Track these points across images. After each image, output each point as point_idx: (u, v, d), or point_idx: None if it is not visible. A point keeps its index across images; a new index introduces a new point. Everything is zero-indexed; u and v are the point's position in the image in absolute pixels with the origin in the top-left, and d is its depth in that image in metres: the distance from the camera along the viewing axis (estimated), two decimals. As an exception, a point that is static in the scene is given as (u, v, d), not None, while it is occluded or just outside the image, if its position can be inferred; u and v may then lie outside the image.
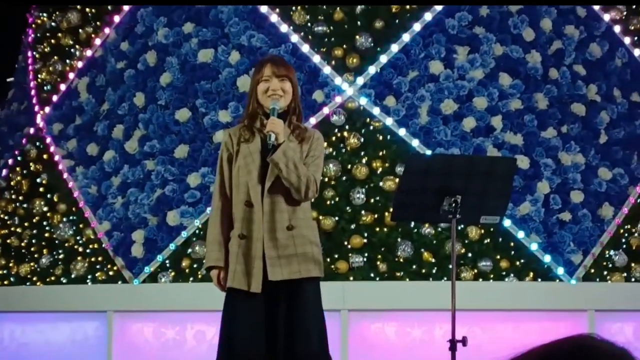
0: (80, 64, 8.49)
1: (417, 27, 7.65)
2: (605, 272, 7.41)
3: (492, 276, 7.17)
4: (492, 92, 7.56)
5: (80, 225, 7.88)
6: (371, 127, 7.49)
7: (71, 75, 8.49)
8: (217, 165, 4.86)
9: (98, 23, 8.54)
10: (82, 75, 8.41)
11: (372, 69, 7.57)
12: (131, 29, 8.24)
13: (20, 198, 8.29)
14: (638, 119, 8.03)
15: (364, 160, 7.40)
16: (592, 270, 7.38)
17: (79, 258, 7.74)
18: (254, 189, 4.70)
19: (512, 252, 7.28)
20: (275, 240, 4.66)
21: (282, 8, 7.79)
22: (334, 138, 7.43)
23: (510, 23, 7.77)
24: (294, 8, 7.79)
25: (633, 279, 7.44)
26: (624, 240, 7.59)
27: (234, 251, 4.70)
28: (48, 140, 8.35)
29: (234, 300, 4.69)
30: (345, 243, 7.20)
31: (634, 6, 8.42)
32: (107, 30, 8.42)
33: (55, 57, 8.70)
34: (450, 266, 5.17)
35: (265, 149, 4.68)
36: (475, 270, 7.17)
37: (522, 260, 7.26)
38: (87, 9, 8.60)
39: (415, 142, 7.40)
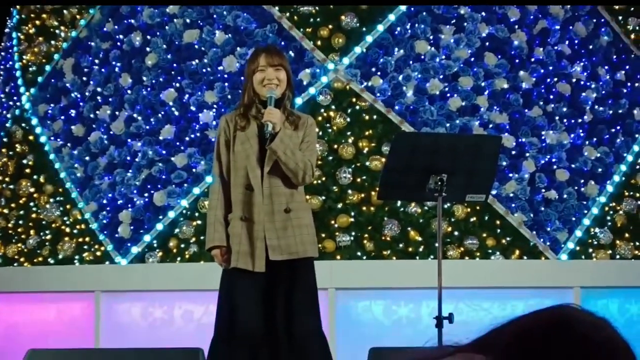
0: (65, 45, 8.46)
1: (402, 6, 7.65)
2: (590, 250, 7.46)
3: (478, 254, 7.21)
4: (478, 72, 7.57)
5: (67, 206, 7.88)
6: (357, 107, 7.50)
7: (56, 56, 8.46)
8: (214, 149, 5.07)
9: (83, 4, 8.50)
10: (67, 56, 8.38)
11: (357, 49, 7.56)
12: (116, 9, 8.21)
13: (7, 179, 8.27)
14: (623, 97, 8.05)
15: (350, 140, 7.41)
16: (578, 248, 7.43)
17: (66, 239, 7.74)
18: (253, 172, 4.90)
19: (498, 230, 7.31)
20: (275, 222, 4.88)
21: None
22: (320, 118, 7.43)
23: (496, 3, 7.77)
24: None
25: (618, 256, 7.49)
26: (609, 218, 7.64)
27: (236, 233, 4.89)
28: (34, 121, 8.33)
29: (234, 277, 4.89)
30: (332, 222, 7.22)
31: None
32: (92, 11, 8.39)
33: (40, 38, 8.66)
34: (437, 244, 5.21)
35: (262, 135, 4.87)
36: (462, 249, 7.21)
37: (508, 238, 7.30)
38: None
39: (401, 122, 7.41)
